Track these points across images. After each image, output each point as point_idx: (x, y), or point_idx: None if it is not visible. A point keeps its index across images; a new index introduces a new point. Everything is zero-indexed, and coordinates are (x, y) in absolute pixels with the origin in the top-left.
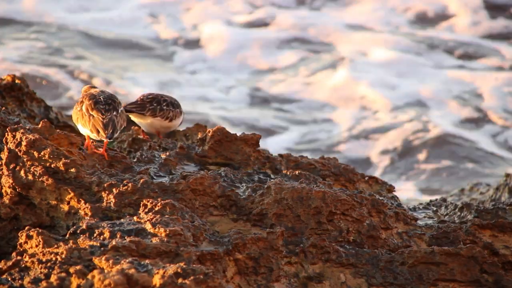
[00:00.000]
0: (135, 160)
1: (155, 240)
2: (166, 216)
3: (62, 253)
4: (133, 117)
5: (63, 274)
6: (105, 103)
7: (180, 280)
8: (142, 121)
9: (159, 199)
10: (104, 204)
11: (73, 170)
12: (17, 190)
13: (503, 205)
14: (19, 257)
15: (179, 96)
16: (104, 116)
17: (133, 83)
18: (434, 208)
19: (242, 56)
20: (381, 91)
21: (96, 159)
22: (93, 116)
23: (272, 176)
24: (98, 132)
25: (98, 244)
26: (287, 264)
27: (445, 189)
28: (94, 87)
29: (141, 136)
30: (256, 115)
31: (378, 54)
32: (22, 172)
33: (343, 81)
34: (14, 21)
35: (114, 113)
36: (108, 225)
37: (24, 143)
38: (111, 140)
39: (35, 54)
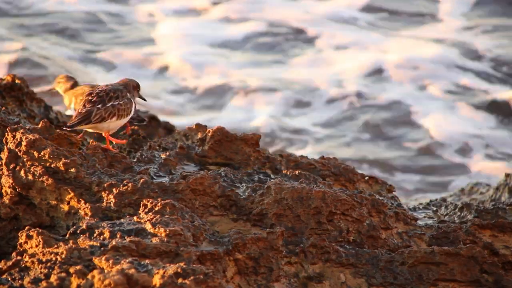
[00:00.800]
0: (135, 160)
1: (155, 240)
2: (166, 216)
3: (62, 253)
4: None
5: (63, 274)
6: (95, 95)
7: (180, 280)
8: None
9: (159, 199)
10: (104, 204)
11: (73, 170)
12: (17, 190)
13: (503, 205)
14: (19, 257)
15: None
16: (83, 108)
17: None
18: (434, 208)
19: None
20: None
21: (96, 159)
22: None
23: (272, 176)
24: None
25: (98, 244)
26: (287, 264)
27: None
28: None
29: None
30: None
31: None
32: (22, 172)
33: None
34: None
35: (99, 105)
36: (108, 225)
37: (24, 143)
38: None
39: None
